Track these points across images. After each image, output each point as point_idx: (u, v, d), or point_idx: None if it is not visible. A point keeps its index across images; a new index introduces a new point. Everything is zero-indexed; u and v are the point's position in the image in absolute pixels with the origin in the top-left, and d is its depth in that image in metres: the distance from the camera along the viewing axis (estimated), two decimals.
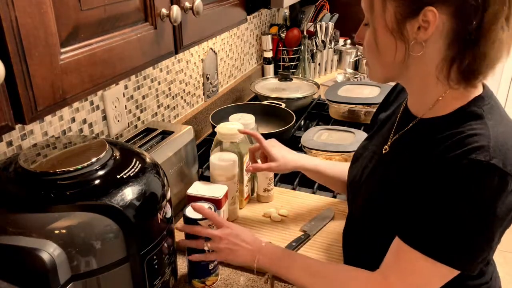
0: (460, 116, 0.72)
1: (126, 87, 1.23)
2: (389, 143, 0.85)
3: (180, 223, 0.94)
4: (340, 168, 1.09)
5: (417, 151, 0.76)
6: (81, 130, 1.09)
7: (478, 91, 0.74)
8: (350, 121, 1.71)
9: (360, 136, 1.43)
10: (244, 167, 1.16)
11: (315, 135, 1.45)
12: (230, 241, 0.87)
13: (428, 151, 0.72)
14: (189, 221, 0.91)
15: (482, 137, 0.67)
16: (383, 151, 0.85)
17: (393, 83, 0.93)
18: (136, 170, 0.75)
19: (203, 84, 1.67)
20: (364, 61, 2.40)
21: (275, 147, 1.09)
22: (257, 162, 1.11)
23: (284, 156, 1.07)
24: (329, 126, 1.55)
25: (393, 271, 0.75)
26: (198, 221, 0.90)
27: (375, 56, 0.76)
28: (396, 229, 0.75)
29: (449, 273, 0.71)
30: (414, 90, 0.80)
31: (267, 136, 1.38)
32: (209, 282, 0.97)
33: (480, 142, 0.66)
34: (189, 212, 0.92)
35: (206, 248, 0.89)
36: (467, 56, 0.68)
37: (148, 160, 0.81)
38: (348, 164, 0.99)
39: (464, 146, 0.67)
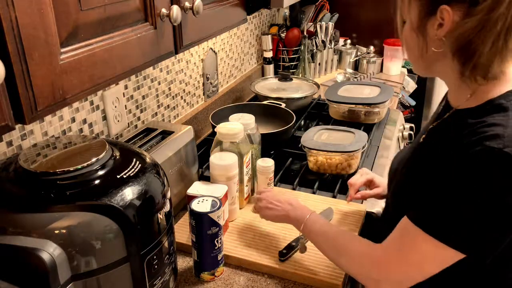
0: (486, 108, 0.75)
1: (126, 87, 1.23)
2: (426, 133, 0.88)
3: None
4: None
5: (444, 141, 0.78)
6: (81, 130, 1.09)
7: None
8: (350, 121, 1.71)
9: (360, 136, 1.43)
10: (244, 167, 1.16)
11: (315, 135, 1.45)
12: (268, 201, 1.05)
13: (451, 140, 0.75)
14: (196, 215, 0.92)
15: (499, 127, 0.69)
16: (420, 140, 0.88)
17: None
18: (136, 170, 0.75)
19: (203, 84, 1.67)
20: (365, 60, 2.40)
21: (376, 176, 1.20)
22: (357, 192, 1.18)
23: (384, 183, 1.17)
24: (329, 126, 1.55)
25: (393, 245, 0.78)
26: (206, 215, 0.92)
27: (405, 52, 0.84)
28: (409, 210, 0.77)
29: (449, 256, 0.72)
30: (451, 84, 0.84)
31: (267, 136, 1.38)
32: (218, 273, 0.99)
33: (495, 131, 0.68)
34: (195, 206, 0.94)
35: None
36: (478, 49, 0.72)
37: (148, 160, 0.81)
38: None
39: (479, 134, 0.69)
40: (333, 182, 1.33)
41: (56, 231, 0.64)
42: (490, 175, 0.66)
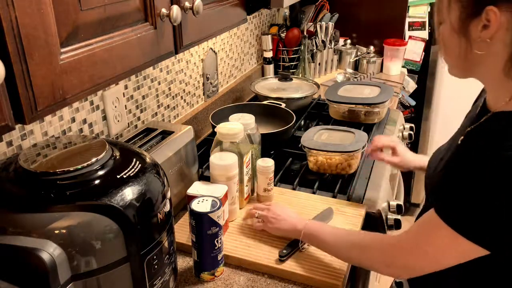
0: None
1: (126, 87, 1.23)
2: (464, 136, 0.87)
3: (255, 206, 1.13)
4: None
5: (481, 143, 0.77)
6: (81, 130, 1.09)
7: None
8: (350, 121, 1.71)
9: (360, 136, 1.43)
10: (244, 167, 1.16)
11: (315, 135, 1.45)
12: (275, 213, 1.07)
13: (487, 143, 0.74)
14: (196, 215, 0.92)
15: None
16: (459, 142, 0.87)
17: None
18: (136, 170, 0.75)
19: (203, 84, 1.67)
20: (364, 60, 2.40)
21: (401, 145, 1.21)
22: (377, 152, 1.22)
23: (406, 155, 1.20)
24: (329, 126, 1.55)
25: (413, 232, 0.80)
26: (206, 215, 0.92)
27: (443, 53, 0.81)
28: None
29: (470, 249, 0.72)
30: (490, 86, 0.82)
31: (267, 136, 1.38)
32: (218, 273, 0.99)
33: None
34: (195, 206, 0.94)
35: (256, 215, 1.10)
36: None
37: (148, 160, 0.81)
38: None
39: None
40: (333, 182, 1.33)
41: (56, 231, 0.64)
42: None
